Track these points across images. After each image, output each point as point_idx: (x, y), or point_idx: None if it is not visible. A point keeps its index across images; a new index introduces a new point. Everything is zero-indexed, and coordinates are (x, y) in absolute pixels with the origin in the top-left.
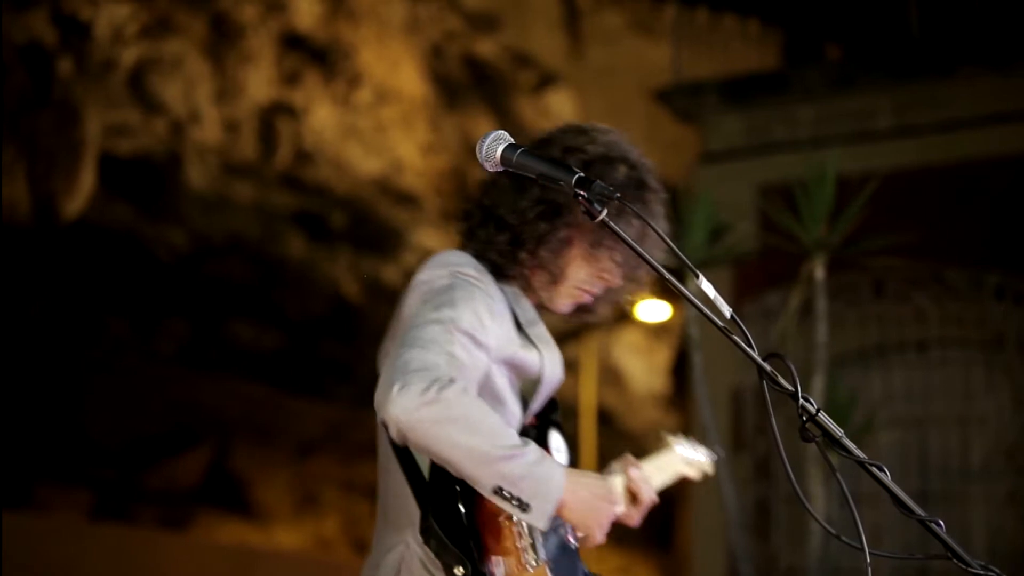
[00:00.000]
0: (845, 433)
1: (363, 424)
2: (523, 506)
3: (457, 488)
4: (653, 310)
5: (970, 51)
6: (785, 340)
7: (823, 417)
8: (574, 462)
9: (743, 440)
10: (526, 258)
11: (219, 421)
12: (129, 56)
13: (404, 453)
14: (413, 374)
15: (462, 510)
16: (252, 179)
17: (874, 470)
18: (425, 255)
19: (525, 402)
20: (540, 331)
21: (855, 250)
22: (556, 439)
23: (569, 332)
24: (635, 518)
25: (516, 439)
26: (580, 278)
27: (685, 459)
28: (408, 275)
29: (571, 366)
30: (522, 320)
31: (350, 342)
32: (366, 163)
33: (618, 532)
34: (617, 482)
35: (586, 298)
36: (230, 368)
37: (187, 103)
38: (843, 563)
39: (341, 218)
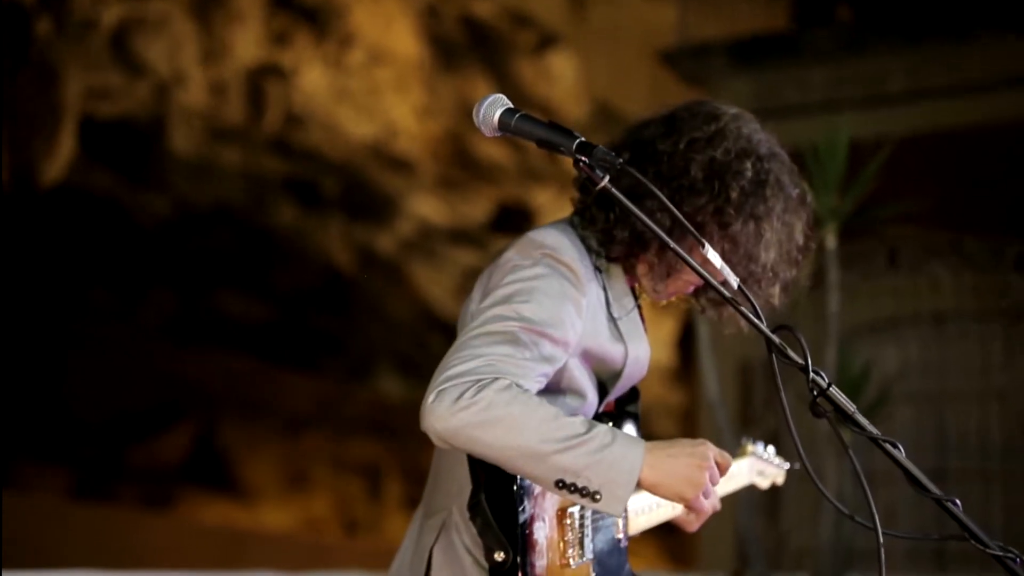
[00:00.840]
0: (858, 408)
1: (355, 399)
2: (592, 496)
3: None
4: None
5: (986, 12)
6: (795, 311)
7: (835, 392)
8: None
9: (751, 416)
10: (645, 255)
11: (205, 396)
12: (111, 15)
13: None
14: (450, 381)
15: (517, 493)
16: (239, 144)
17: (888, 447)
18: (420, 223)
19: (604, 389)
20: (631, 323)
21: (868, 218)
22: (630, 430)
23: None
24: (695, 525)
25: (575, 427)
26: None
27: (759, 469)
28: (402, 245)
29: None
30: (615, 310)
31: (342, 314)
32: (359, 127)
33: None
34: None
35: (691, 289)
36: (216, 341)
37: (171, 64)
38: (857, 544)
39: (333, 184)
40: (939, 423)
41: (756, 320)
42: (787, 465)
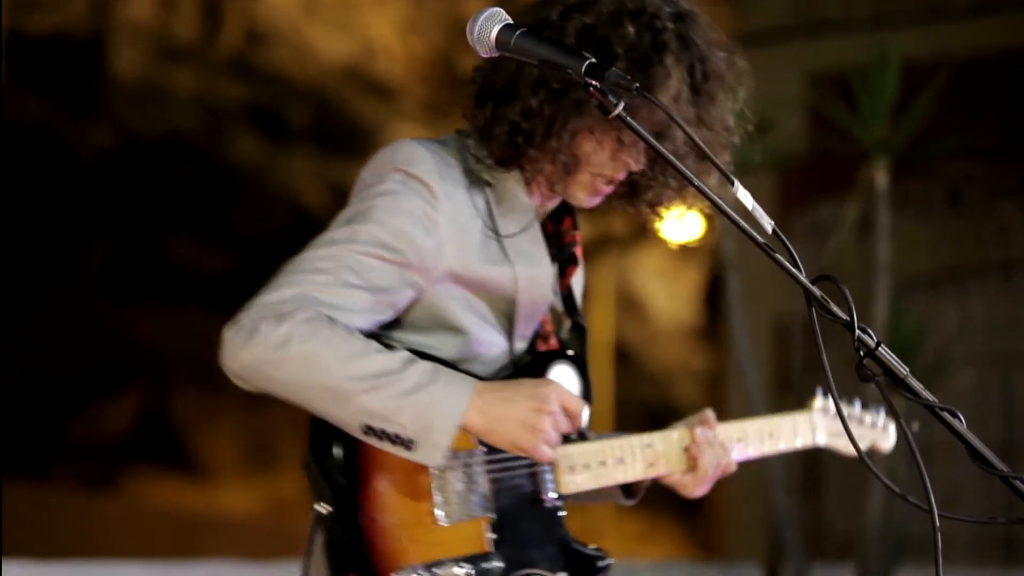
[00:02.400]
0: (912, 372)
1: None
2: (406, 444)
3: None
4: (680, 225)
5: None
6: (840, 260)
7: (884, 352)
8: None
9: (788, 380)
10: (532, 151)
11: (153, 358)
12: None
13: None
14: (251, 313)
15: (346, 437)
16: (193, 66)
17: (946, 416)
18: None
19: (509, 329)
20: (526, 241)
21: (925, 152)
22: (563, 375)
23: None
24: (692, 488)
25: (388, 363)
26: (598, 163)
27: (828, 428)
28: None
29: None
30: (502, 227)
31: None
32: (331, 46)
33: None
34: (667, 438)
35: (606, 188)
36: (167, 294)
37: None
38: (912, 528)
39: (301, 113)
40: (1006, 389)
41: (794, 270)
42: (891, 427)
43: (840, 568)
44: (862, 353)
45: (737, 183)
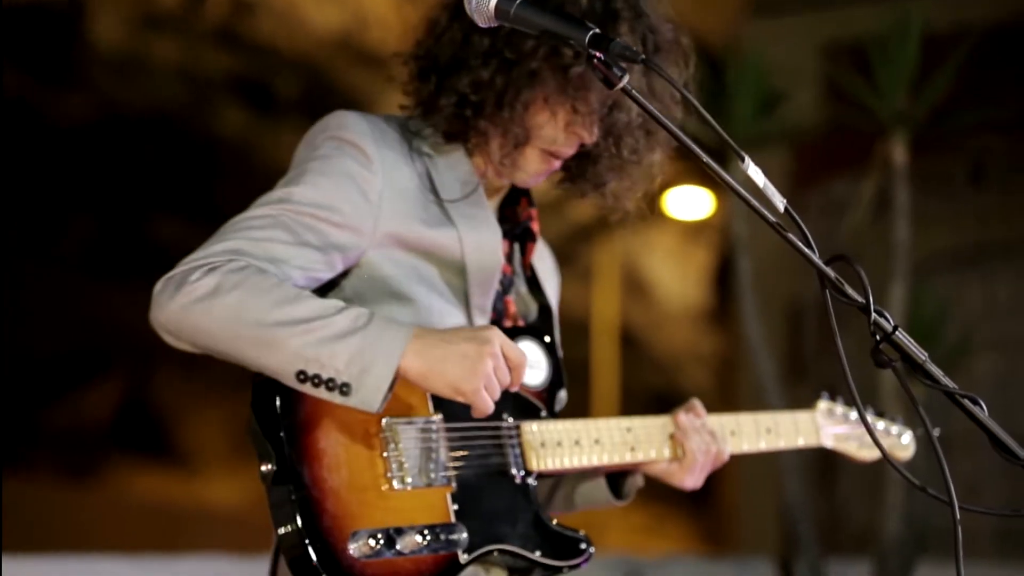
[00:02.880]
0: (931, 357)
1: None
2: (340, 388)
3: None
4: (688, 203)
5: None
6: (856, 240)
7: (902, 336)
8: (582, 394)
9: (802, 365)
10: (481, 123)
11: (135, 343)
12: None
13: None
14: (181, 266)
15: (286, 390)
16: (176, 35)
17: (967, 403)
18: None
19: (466, 301)
20: (471, 206)
21: (945, 126)
22: (529, 351)
23: (580, 232)
24: (681, 477)
25: (320, 307)
26: (550, 136)
27: (835, 432)
28: None
29: (584, 275)
30: (442, 192)
31: None
32: (322, 15)
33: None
34: (649, 423)
35: (555, 163)
36: (150, 276)
37: None
38: (933, 521)
39: (290, 84)
40: None
41: (807, 250)
42: (907, 433)
43: (857, 562)
44: (879, 337)
45: (748, 159)
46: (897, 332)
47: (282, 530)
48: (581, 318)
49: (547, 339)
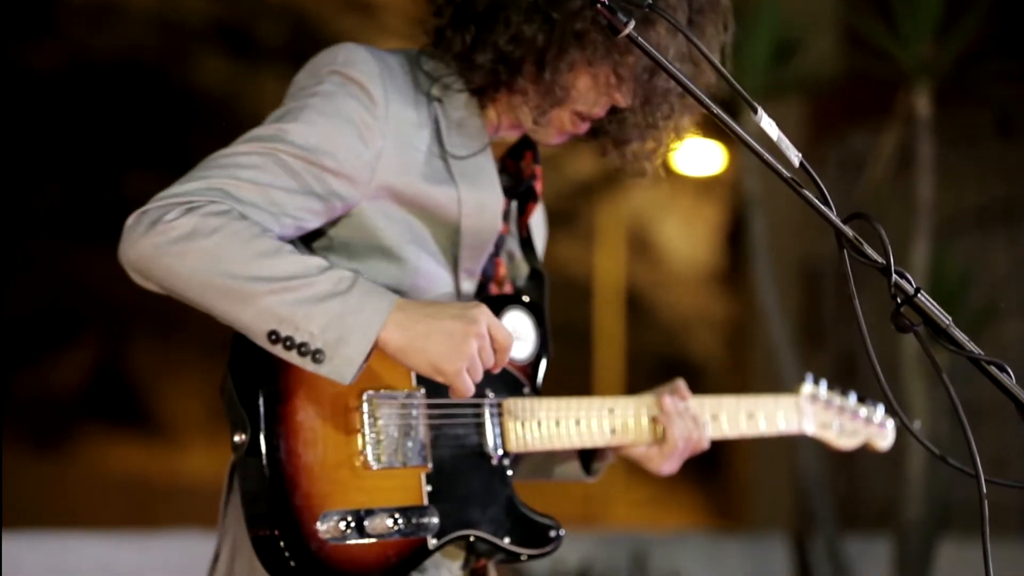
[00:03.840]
0: (955, 321)
1: None
2: (313, 355)
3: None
4: (698, 158)
5: None
6: (876, 197)
7: (925, 299)
8: (584, 361)
9: (818, 331)
10: (519, 81)
11: (108, 305)
12: None
13: None
14: (156, 202)
15: (266, 358)
16: None
17: (993, 371)
18: None
19: (455, 263)
20: (475, 165)
21: (971, 75)
22: (517, 322)
23: (582, 189)
24: (659, 462)
25: (302, 265)
26: (588, 99)
27: (818, 417)
28: None
29: (586, 234)
30: (448, 145)
31: None
32: None
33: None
34: (633, 404)
35: (585, 125)
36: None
37: None
38: (956, 493)
39: (274, 31)
40: None
41: (824, 207)
42: (889, 424)
43: (876, 539)
44: (900, 300)
45: (761, 111)
46: (919, 295)
47: (251, 507)
48: (583, 280)
49: (541, 313)
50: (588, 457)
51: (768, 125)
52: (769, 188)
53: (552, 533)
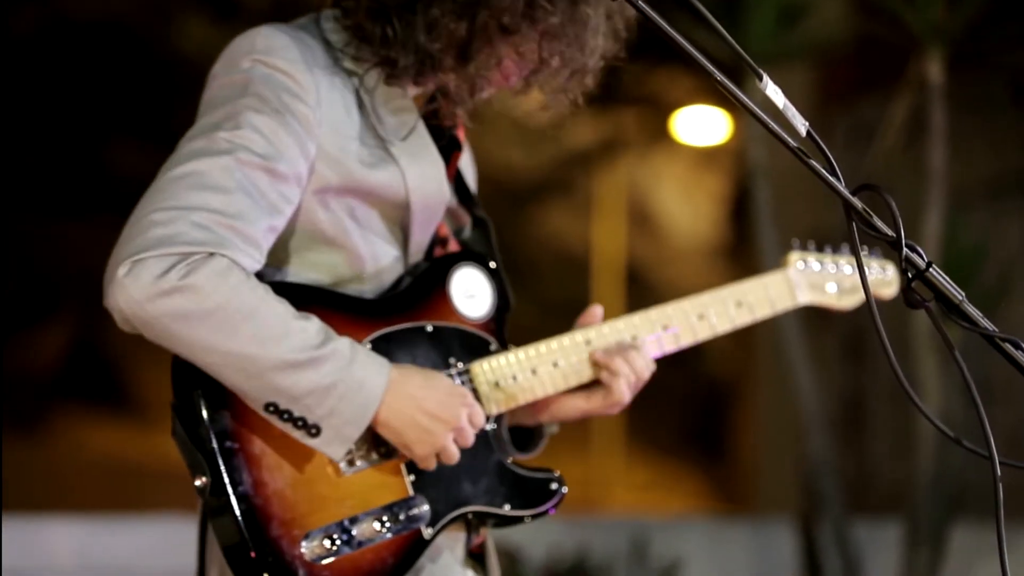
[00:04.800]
0: (968, 296)
1: None
2: (309, 429)
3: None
4: (700, 127)
5: None
6: (886, 167)
7: (936, 274)
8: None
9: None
10: (440, 76)
11: (88, 281)
12: None
13: None
14: (151, 251)
15: (203, 396)
16: None
17: (1009, 348)
18: None
19: (405, 238)
20: (409, 141)
21: (985, 40)
22: (469, 279)
23: (579, 159)
24: (606, 402)
25: (307, 336)
26: (511, 80)
27: (810, 282)
28: None
29: (583, 206)
30: (379, 127)
31: None
32: None
33: (647, 434)
34: (570, 341)
35: (509, 85)
36: (102, 207)
37: None
38: (970, 475)
39: None
40: None
41: (831, 178)
42: (890, 272)
43: (886, 523)
44: (911, 275)
45: (766, 78)
46: (931, 269)
47: (228, 546)
48: (580, 254)
49: (491, 264)
50: (524, 437)
51: (774, 92)
52: (775, 158)
53: (553, 485)
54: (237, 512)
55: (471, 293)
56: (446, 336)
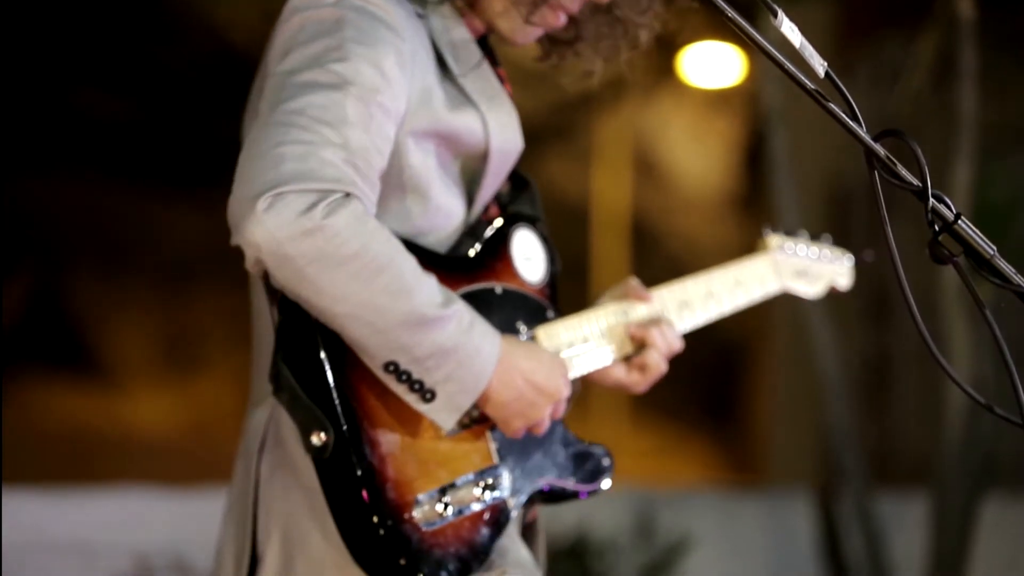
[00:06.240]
0: (1000, 251)
1: None
2: (424, 394)
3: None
4: (711, 67)
5: None
6: (912, 111)
7: (966, 226)
8: (580, 297)
9: None
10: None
11: (48, 233)
12: None
13: None
14: (290, 184)
15: (322, 346)
16: None
17: None
18: None
19: (470, 191)
20: (482, 80)
21: None
22: (526, 242)
23: (579, 103)
24: (643, 376)
25: (437, 294)
26: (559, 16)
27: (792, 266)
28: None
29: (584, 154)
30: (453, 65)
31: (242, 117)
32: None
33: (653, 396)
34: (614, 313)
35: (562, 19)
36: (64, 155)
37: None
38: (1002, 446)
39: None
40: None
41: (852, 123)
42: (849, 260)
43: (912, 496)
44: (938, 227)
45: (781, 14)
46: (960, 221)
47: (346, 507)
48: (580, 205)
49: (535, 219)
50: None
51: (790, 30)
52: (791, 102)
53: (606, 461)
54: (359, 472)
55: (528, 256)
56: (512, 300)
